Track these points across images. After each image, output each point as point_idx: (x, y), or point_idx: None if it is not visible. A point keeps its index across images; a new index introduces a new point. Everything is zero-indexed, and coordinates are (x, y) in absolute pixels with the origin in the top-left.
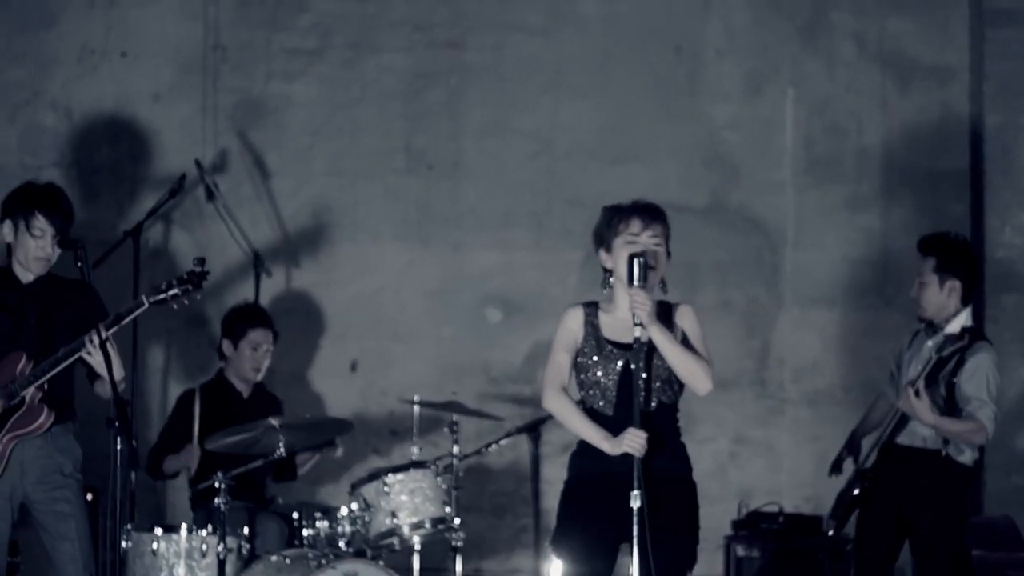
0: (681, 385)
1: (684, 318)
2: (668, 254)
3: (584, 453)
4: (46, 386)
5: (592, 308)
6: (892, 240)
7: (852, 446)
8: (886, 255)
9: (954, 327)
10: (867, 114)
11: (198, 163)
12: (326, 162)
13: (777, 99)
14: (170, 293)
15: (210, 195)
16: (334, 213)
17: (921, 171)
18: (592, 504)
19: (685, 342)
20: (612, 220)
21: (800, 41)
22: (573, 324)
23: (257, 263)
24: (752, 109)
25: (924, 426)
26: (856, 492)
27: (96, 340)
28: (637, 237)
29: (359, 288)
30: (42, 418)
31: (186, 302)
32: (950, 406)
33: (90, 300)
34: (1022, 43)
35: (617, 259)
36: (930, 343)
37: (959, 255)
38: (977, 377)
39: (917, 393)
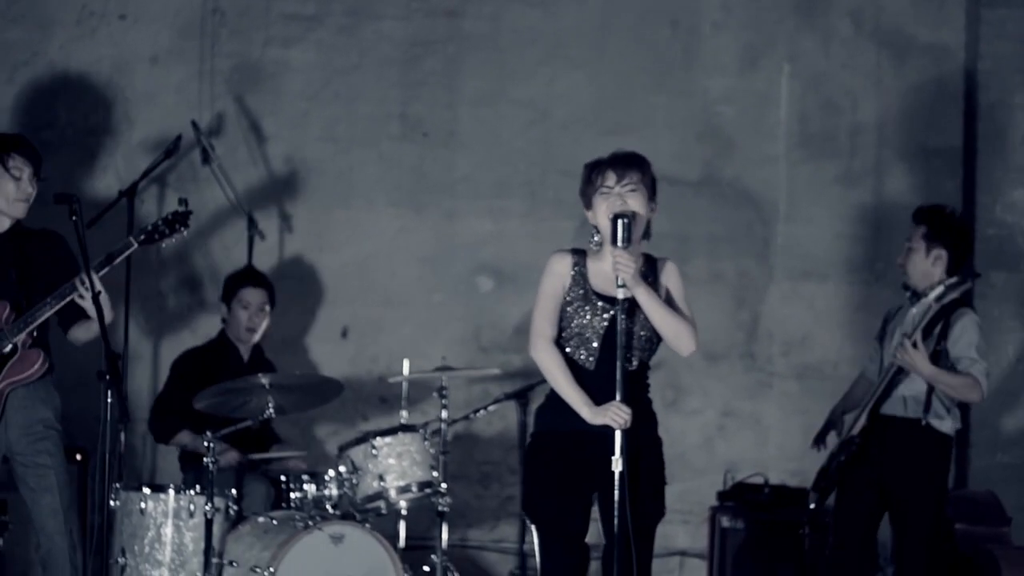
0: (659, 342)
1: (669, 276)
2: (654, 199)
3: (553, 407)
4: (35, 333)
5: (580, 256)
6: (884, 216)
7: (834, 421)
8: (878, 231)
9: (939, 293)
10: (862, 91)
11: (194, 124)
12: (321, 128)
13: (772, 74)
14: (157, 233)
15: (206, 157)
16: (328, 178)
17: (914, 148)
18: (562, 462)
19: (669, 301)
20: (590, 176)
21: (797, 17)
22: (561, 270)
23: (251, 227)
24: (747, 83)
25: (921, 378)
26: (843, 459)
27: (87, 282)
28: (611, 189)
29: (351, 254)
30: (38, 364)
31: (173, 241)
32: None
33: (60, 248)
34: (1017, 23)
35: (598, 214)
36: (914, 310)
37: (949, 226)
38: (965, 337)
39: (915, 345)
